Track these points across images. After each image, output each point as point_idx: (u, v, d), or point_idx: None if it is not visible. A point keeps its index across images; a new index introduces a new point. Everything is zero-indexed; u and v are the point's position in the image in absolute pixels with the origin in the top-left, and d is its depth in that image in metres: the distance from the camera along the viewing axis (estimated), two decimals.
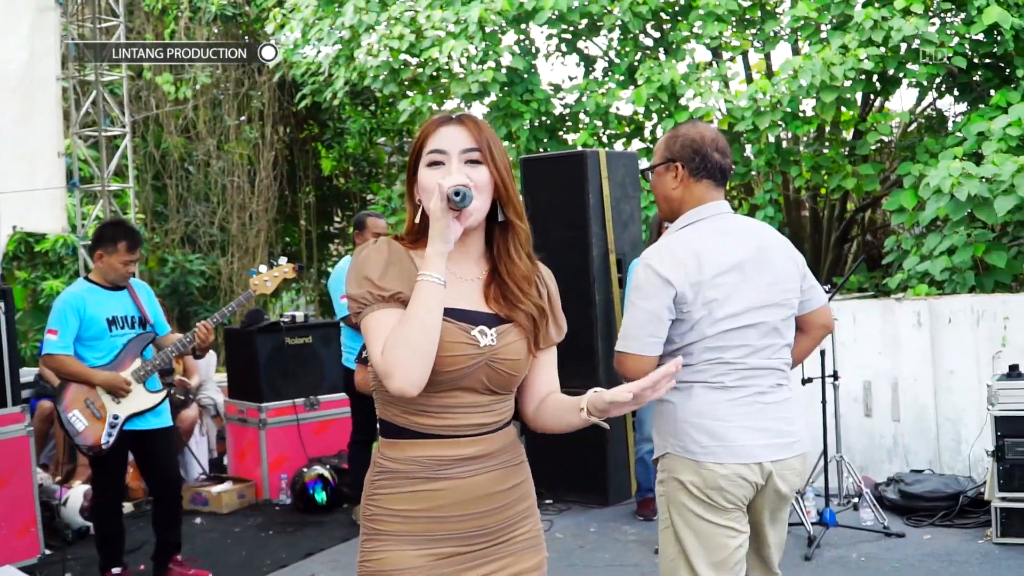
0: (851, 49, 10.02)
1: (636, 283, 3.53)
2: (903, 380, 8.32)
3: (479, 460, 2.53)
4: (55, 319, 5.69)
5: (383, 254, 2.51)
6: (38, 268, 13.00)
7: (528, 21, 12.15)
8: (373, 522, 2.55)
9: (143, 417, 5.74)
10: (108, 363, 5.69)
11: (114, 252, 5.74)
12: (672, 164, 3.60)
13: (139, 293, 5.93)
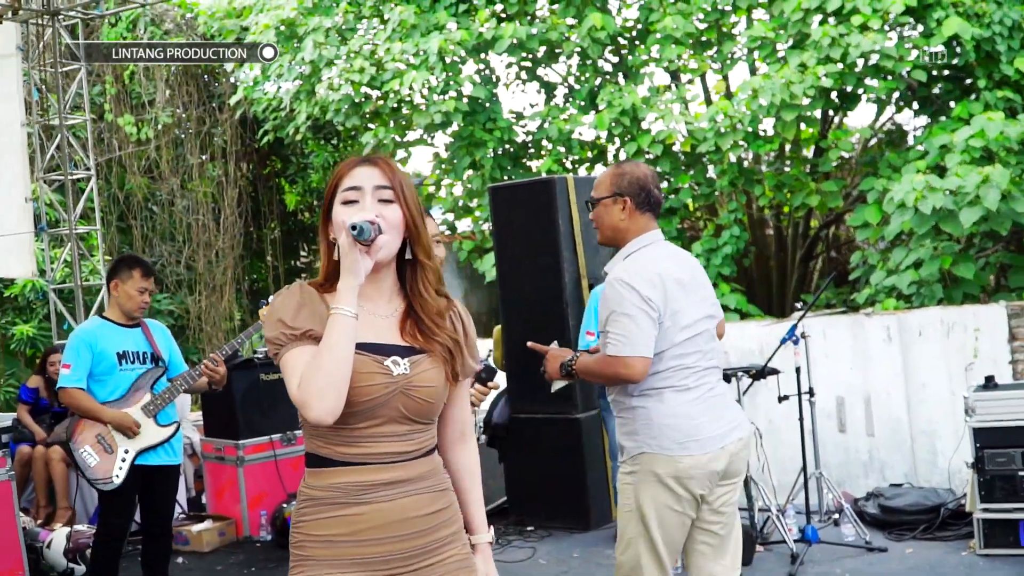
0: (809, 67, 10.13)
1: (621, 299, 3.91)
2: (876, 394, 8.38)
3: (399, 485, 2.61)
4: (69, 354, 5.73)
5: (295, 297, 2.64)
6: (7, 313, 12.90)
7: (488, 50, 12.23)
8: (298, 548, 2.64)
9: (155, 452, 5.77)
10: (119, 399, 5.72)
11: (129, 279, 5.79)
12: (620, 198, 4.06)
13: (153, 332, 5.97)
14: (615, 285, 3.95)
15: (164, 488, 6.03)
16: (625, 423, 4.03)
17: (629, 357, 3.86)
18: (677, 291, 3.97)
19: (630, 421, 4.00)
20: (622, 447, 4.06)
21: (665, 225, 11.74)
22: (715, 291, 10.96)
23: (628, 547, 3.98)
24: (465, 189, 12.97)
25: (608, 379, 3.98)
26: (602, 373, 3.97)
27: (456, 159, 12.54)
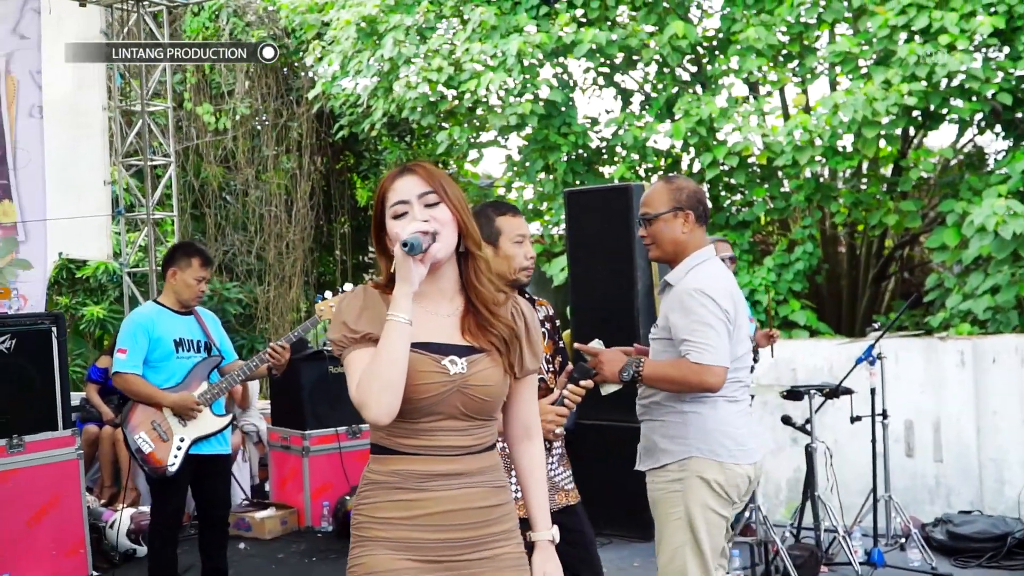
0: (894, 84, 10.00)
1: (702, 309, 3.94)
2: (946, 419, 8.26)
3: (457, 477, 2.72)
4: (125, 338, 5.67)
5: (359, 300, 2.76)
6: (79, 294, 13.10)
7: (566, 55, 12.23)
8: (359, 529, 2.76)
9: (208, 442, 5.72)
10: (175, 386, 5.68)
11: (188, 268, 5.76)
12: (681, 212, 4.10)
13: (206, 320, 5.96)
14: (694, 295, 3.97)
15: (218, 478, 6.01)
16: (670, 427, 4.04)
17: (715, 366, 3.90)
18: (739, 305, 4.09)
19: (678, 426, 4.02)
20: (661, 451, 4.05)
21: (737, 238, 11.65)
22: (786, 307, 10.95)
23: (675, 556, 4.00)
24: (536, 192, 12.97)
25: (688, 386, 3.95)
26: (683, 380, 3.93)
27: (529, 162, 12.54)
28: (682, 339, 3.94)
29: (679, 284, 4.04)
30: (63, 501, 6.56)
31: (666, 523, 4.04)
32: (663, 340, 4.07)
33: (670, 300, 4.05)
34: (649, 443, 4.10)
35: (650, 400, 4.08)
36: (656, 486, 4.08)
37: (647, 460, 4.13)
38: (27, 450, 6.41)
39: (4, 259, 8.87)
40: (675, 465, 4.00)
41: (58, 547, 6.52)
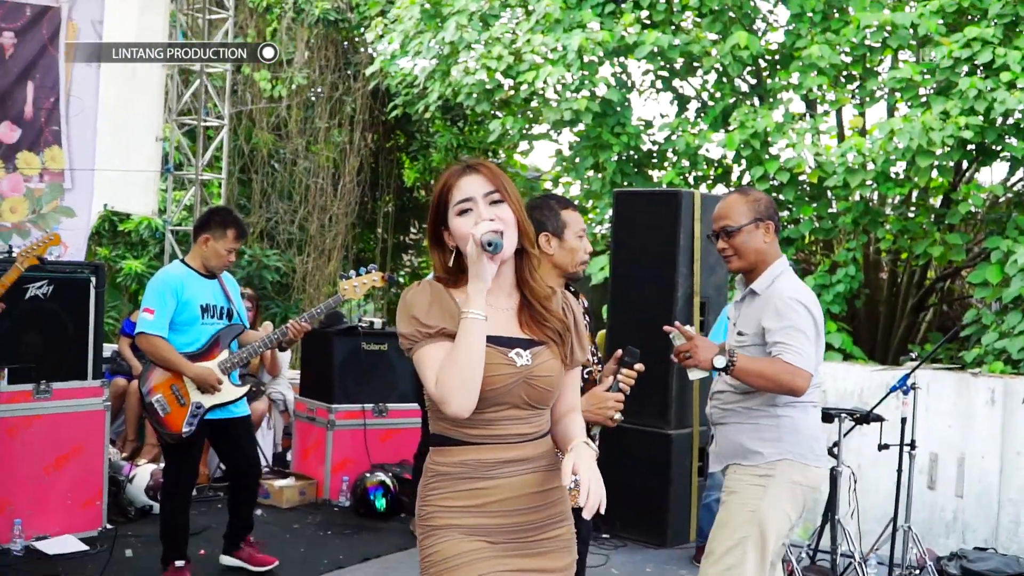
0: (952, 116, 9.92)
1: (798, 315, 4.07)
2: (970, 456, 8.19)
3: (520, 463, 2.84)
4: (153, 298, 5.65)
5: (427, 294, 2.83)
6: (119, 247, 13.19)
7: (627, 55, 12.18)
8: (427, 520, 2.85)
9: (224, 408, 5.76)
10: (196, 351, 5.69)
11: (222, 238, 5.75)
12: (762, 222, 4.22)
13: (228, 286, 5.97)
14: (789, 302, 4.09)
15: (243, 438, 6.03)
16: (763, 429, 4.15)
17: (805, 370, 4.00)
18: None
19: (772, 428, 4.15)
20: (752, 452, 4.16)
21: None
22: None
23: (736, 545, 4.07)
24: (583, 189, 12.93)
25: (777, 384, 4.03)
26: (775, 377, 4.02)
27: (579, 158, 12.51)
28: (775, 341, 4.05)
29: (767, 292, 4.16)
30: (85, 451, 6.62)
31: (737, 512, 4.13)
32: (754, 347, 4.15)
33: (758, 307, 4.15)
34: (734, 445, 4.19)
35: (739, 404, 4.18)
36: (738, 477, 4.18)
37: (730, 460, 4.24)
38: (54, 397, 6.47)
39: (49, 205, 8.95)
40: (764, 466, 4.15)
41: (75, 496, 6.59)
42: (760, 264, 4.23)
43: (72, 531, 6.54)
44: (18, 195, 8.98)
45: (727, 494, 4.20)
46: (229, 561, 6.17)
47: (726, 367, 4.02)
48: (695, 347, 4.07)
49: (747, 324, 4.20)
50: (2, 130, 8.84)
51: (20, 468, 6.33)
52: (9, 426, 6.29)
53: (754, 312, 4.17)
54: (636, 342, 4.10)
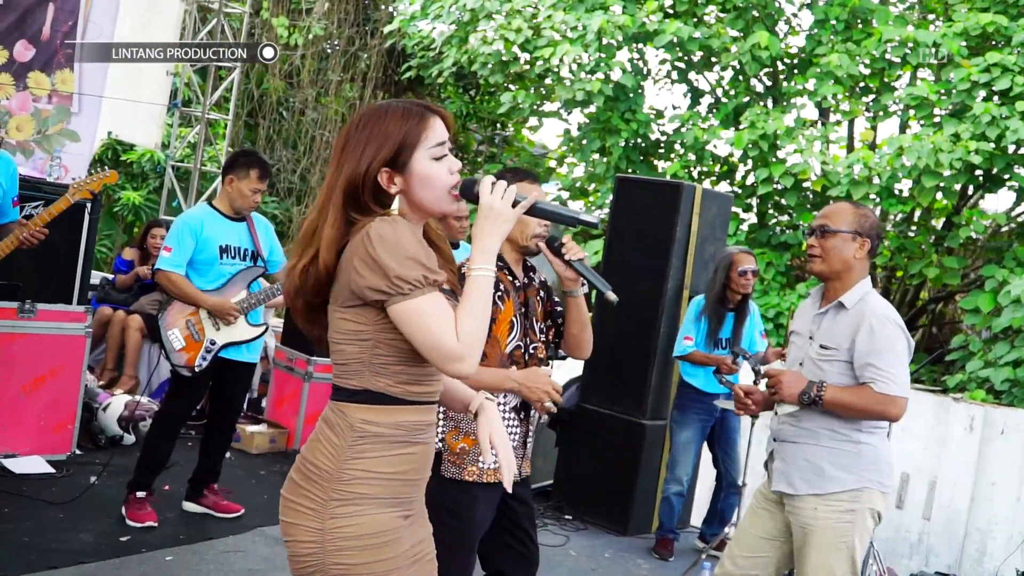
0: (963, 139, 9.91)
1: (895, 339, 3.98)
2: (943, 480, 8.21)
3: (432, 427, 2.68)
4: (172, 237, 5.69)
5: (413, 235, 2.55)
6: (120, 177, 13.15)
7: (646, 42, 12.16)
8: (351, 486, 2.54)
9: (237, 348, 5.77)
10: (214, 290, 5.72)
11: (245, 177, 5.76)
12: (860, 238, 4.08)
13: (258, 228, 5.97)
14: (886, 323, 4.00)
15: (238, 384, 6.08)
16: (843, 455, 4.03)
17: (899, 397, 3.91)
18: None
19: (852, 455, 4.02)
20: (830, 478, 4.03)
21: (775, 259, 11.60)
22: None
23: None
24: (587, 172, 12.92)
25: (868, 414, 3.98)
26: (865, 408, 3.96)
27: (587, 140, 12.49)
28: (867, 363, 3.96)
29: (857, 307, 4.05)
30: (62, 375, 6.60)
31: (831, 551, 4.00)
32: (842, 363, 4.02)
33: (850, 322, 4.03)
34: (813, 467, 4.04)
35: (819, 425, 4.04)
36: (823, 514, 4.02)
37: (806, 485, 4.07)
38: (37, 317, 6.44)
39: (54, 127, 8.91)
40: (847, 495, 4.01)
41: (47, 418, 6.57)
42: (844, 277, 4.11)
43: (41, 452, 6.52)
44: (25, 114, 8.94)
45: (811, 529, 4.04)
46: (193, 507, 6.17)
47: (815, 401, 3.96)
48: (779, 383, 4.01)
49: (835, 339, 4.05)
50: (17, 48, 8.79)
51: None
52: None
53: (844, 327, 4.04)
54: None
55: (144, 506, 5.80)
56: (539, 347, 3.84)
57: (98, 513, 5.86)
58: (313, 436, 2.59)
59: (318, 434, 2.59)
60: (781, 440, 4.17)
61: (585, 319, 3.79)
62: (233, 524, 6.10)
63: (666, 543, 6.99)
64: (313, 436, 2.59)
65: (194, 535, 5.85)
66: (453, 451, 3.67)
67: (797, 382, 3.99)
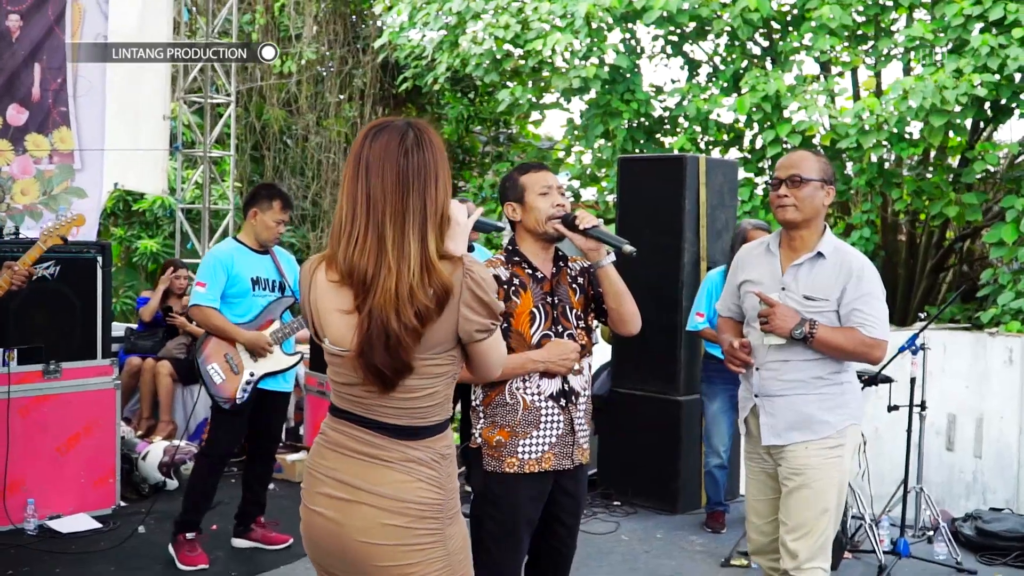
0: (965, 74, 9.81)
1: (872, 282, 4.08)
2: (988, 416, 8.14)
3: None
4: (205, 272, 5.79)
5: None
6: (134, 227, 13.23)
7: (635, 20, 12.10)
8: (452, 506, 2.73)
9: (275, 378, 5.89)
10: (249, 322, 5.81)
11: (268, 209, 5.84)
12: (828, 186, 4.16)
13: (281, 260, 6.04)
14: (868, 270, 4.09)
15: (276, 414, 6.17)
16: (829, 398, 4.10)
17: (883, 340, 4.03)
18: None
19: (838, 396, 4.11)
20: (820, 423, 4.08)
21: None
22: None
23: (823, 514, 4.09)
24: (595, 158, 12.88)
25: (853, 357, 4.07)
26: (853, 351, 4.03)
27: (590, 126, 12.45)
28: (854, 308, 4.03)
29: (835, 256, 4.10)
30: (96, 430, 6.64)
31: (825, 489, 4.09)
32: (830, 313, 4.05)
33: (831, 270, 4.07)
34: (802, 416, 4.09)
35: (805, 374, 4.08)
36: (812, 454, 4.10)
37: (797, 434, 4.12)
38: (64, 377, 6.49)
39: (59, 186, 8.97)
40: (837, 435, 4.10)
41: (87, 475, 6.62)
42: (813, 225, 4.15)
43: (85, 509, 6.57)
44: (28, 177, 9.00)
45: (803, 472, 4.11)
46: (242, 543, 6.20)
47: (805, 337, 3.98)
48: (773, 313, 4.02)
49: (821, 289, 4.08)
50: (10, 113, 8.85)
51: (33, 448, 6.36)
52: (21, 406, 6.31)
53: (828, 277, 4.08)
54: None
55: (195, 547, 5.83)
56: (577, 334, 3.84)
57: (149, 561, 5.91)
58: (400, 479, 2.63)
59: (409, 475, 2.64)
60: (765, 395, 4.18)
61: (619, 289, 3.80)
62: (283, 554, 6.13)
63: (716, 516, 6.96)
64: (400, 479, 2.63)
65: (246, 571, 5.89)
66: (491, 445, 3.72)
67: (791, 316, 4.00)
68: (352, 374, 2.62)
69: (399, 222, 2.52)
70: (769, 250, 4.26)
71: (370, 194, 2.55)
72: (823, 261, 4.09)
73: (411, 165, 2.56)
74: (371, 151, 2.58)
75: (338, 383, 2.70)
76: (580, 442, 3.83)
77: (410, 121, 2.66)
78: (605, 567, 6.21)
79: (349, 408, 2.68)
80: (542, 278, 3.81)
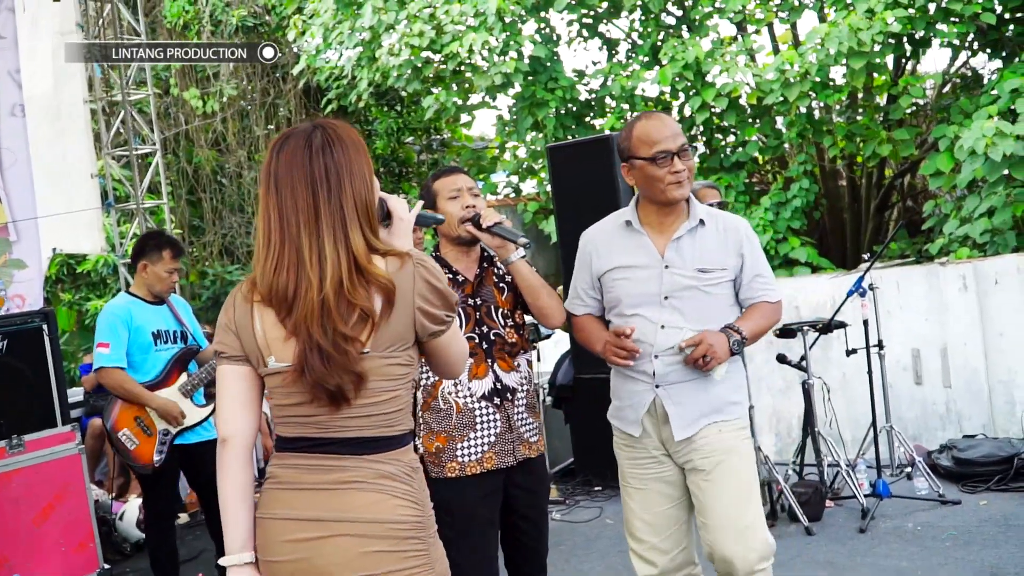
0: (877, 12, 9.86)
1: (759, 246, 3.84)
2: (952, 345, 8.20)
3: None
4: (104, 332, 5.59)
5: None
6: (81, 289, 13.10)
7: (547, 8, 12.11)
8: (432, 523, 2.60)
9: (194, 431, 5.72)
10: (154, 379, 5.65)
11: (159, 260, 5.69)
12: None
13: (178, 308, 5.92)
14: (745, 225, 3.82)
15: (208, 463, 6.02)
16: (735, 376, 3.77)
17: (781, 299, 3.86)
18: None
19: (739, 374, 3.82)
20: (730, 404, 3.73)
21: (733, 180, 11.58)
22: (786, 245, 10.89)
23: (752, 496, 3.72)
24: (528, 150, 12.89)
25: (769, 329, 3.85)
26: (771, 325, 3.83)
27: (519, 120, 12.45)
28: (756, 275, 3.74)
29: (712, 220, 3.75)
30: (68, 497, 6.57)
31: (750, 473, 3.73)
32: (728, 283, 3.73)
33: (716, 239, 3.72)
34: (715, 401, 3.68)
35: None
36: (728, 436, 3.69)
37: (710, 419, 3.69)
38: (28, 449, 6.41)
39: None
40: (743, 416, 3.79)
41: (67, 543, 6.54)
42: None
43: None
44: None
45: (725, 455, 3.66)
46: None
47: (741, 344, 3.64)
48: (711, 349, 3.57)
49: (714, 258, 3.69)
50: None
51: (8, 524, 6.28)
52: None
53: (716, 245, 3.70)
54: None
55: None
56: (506, 333, 3.84)
57: None
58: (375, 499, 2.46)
59: (384, 492, 2.47)
60: (669, 384, 3.69)
61: (530, 284, 3.80)
62: None
63: None
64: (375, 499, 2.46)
65: None
66: (430, 452, 3.73)
67: (720, 337, 3.63)
68: (301, 392, 2.47)
69: (313, 231, 2.43)
70: (631, 228, 3.81)
71: (281, 208, 2.46)
72: (703, 229, 3.73)
73: (318, 169, 2.46)
74: (279, 164, 2.50)
75: (286, 406, 2.52)
76: (525, 438, 3.83)
77: (317, 123, 2.56)
78: (595, 553, 6.22)
79: (303, 433, 2.50)
80: (463, 281, 3.83)
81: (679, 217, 3.73)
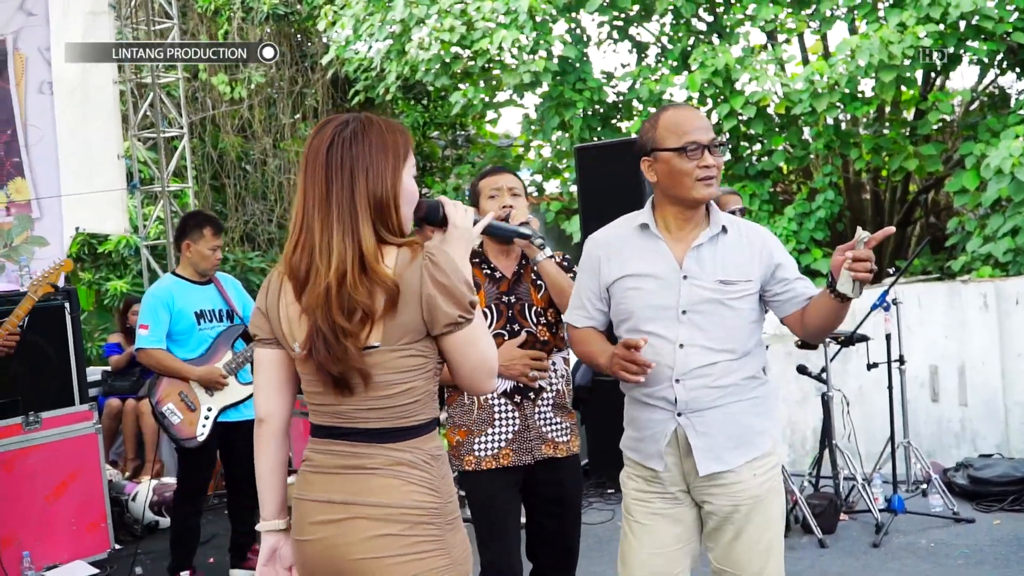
0: (909, 27, 9.84)
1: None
2: (970, 363, 8.18)
3: None
4: (146, 314, 5.70)
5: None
6: (102, 269, 13.13)
7: (579, 9, 12.10)
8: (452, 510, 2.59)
9: (236, 409, 5.79)
10: (199, 357, 5.73)
11: (201, 238, 5.79)
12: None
13: (226, 286, 5.97)
14: (764, 231, 3.42)
15: (245, 443, 6.07)
16: (763, 402, 3.34)
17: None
18: None
19: (769, 399, 3.39)
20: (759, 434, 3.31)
21: (757, 188, 11.57)
22: (808, 256, 10.86)
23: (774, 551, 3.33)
24: (554, 150, 12.89)
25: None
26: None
27: (545, 120, 12.45)
28: (796, 277, 3.32)
29: (739, 229, 3.35)
30: (82, 476, 6.62)
31: (778, 520, 3.35)
32: (753, 296, 3.31)
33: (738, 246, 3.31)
34: (742, 429, 3.26)
35: (738, 375, 3.27)
36: (759, 478, 3.29)
37: (739, 454, 3.27)
38: (44, 427, 6.46)
39: (20, 237, 8.91)
40: (772, 446, 3.35)
41: (79, 522, 6.59)
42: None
43: (81, 556, 6.55)
44: None
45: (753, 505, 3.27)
46: (241, 574, 6.17)
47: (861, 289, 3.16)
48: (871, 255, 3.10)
49: (735, 270, 3.28)
50: None
51: (21, 501, 6.33)
52: (4, 461, 6.28)
53: (734, 253, 3.30)
54: None
55: None
56: (538, 331, 3.86)
57: None
58: (389, 484, 2.50)
59: (399, 478, 2.51)
60: (694, 411, 3.25)
61: (556, 283, 3.81)
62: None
63: None
64: (389, 484, 2.50)
65: None
66: (452, 445, 3.80)
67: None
68: (316, 380, 2.54)
69: (325, 220, 2.46)
70: (649, 232, 3.36)
71: (306, 192, 2.51)
72: (725, 237, 3.32)
73: (335, 160, 2.48)
74: (310, 148, 2.55)
75: (312, 393, 2.60)
76: (549, 437, 3.83)
77: (358, 115, 2.58)
78: (607, 556, 6.21)
79: (328, 423, 2.58)
80: (500, 278, 3.85)
81: (700, 223, 3.33)
